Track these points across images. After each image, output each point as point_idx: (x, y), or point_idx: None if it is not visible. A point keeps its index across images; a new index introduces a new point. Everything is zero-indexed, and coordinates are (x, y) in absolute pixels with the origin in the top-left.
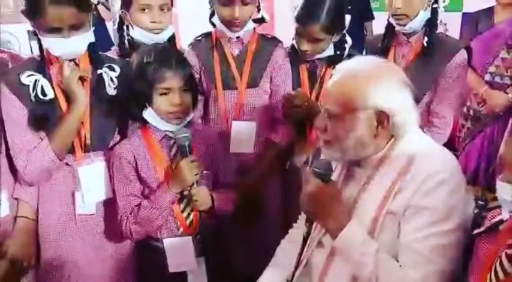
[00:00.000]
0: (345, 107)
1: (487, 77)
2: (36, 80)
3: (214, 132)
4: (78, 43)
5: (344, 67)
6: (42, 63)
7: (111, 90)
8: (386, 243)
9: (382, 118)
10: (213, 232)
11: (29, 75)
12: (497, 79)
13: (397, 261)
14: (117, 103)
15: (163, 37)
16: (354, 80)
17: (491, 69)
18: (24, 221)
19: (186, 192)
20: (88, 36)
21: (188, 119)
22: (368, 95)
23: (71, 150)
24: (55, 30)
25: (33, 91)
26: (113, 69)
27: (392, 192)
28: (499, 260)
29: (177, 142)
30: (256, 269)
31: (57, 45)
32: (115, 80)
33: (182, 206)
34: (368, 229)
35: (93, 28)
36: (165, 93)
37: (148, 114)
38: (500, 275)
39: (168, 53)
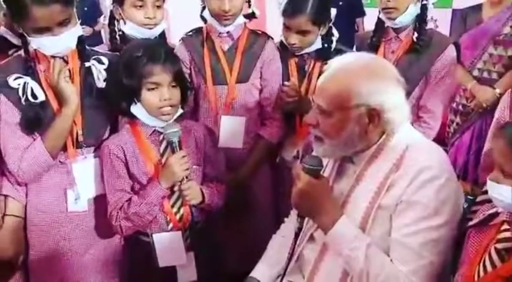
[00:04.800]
0: (335, 104)
1: (475, 72)
2: (25, 83)
3: (204, 126)
4: (69, 39)
5: (336, 63)
6: (29, 63)
7: (100, 83)
8: (378, 237)
9: (374, 115)
10: (203, 227)
11: (16, 78)
12: (485, 74)
13: (389, 255)
14: (107, 97)
15: (155, 33)
16: (345, 77)
17: (479, 64)
18: (13, 219)
19: (176, 188)
20: (77, 30)
21: (177, 114)
22: (359, 92)
23: (63, 148)
24: (44, 30)
25: (23, 95)
26: (101, 62)
27: (383, 187)
28: (488, 254)
29: (167, 138)
30: (248, 264)
31: (49, 44)
32: (103, 72)
33: (172, 201)
34: (359, 224)
35: (79, 21)
36: (153, 88)
37: (136, 109)
38: (489, 267)
39: (157, 48)
